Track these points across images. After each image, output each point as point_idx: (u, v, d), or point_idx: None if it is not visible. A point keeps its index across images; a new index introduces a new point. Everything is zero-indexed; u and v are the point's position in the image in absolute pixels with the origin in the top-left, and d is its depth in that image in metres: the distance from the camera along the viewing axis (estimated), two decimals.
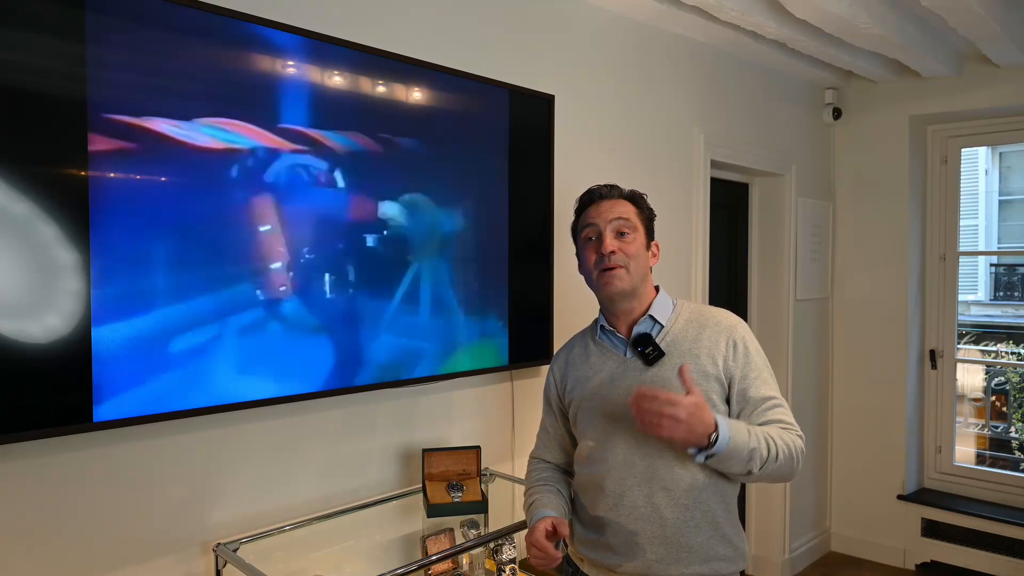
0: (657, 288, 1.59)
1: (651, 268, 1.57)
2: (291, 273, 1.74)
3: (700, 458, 1.33)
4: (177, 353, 1.56)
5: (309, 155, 1.76)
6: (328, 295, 1.81)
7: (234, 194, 1.64)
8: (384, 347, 1.94)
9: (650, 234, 1.57)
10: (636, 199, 1.57)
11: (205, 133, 1.59)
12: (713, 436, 1.30)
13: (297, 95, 1.75)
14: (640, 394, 1.31)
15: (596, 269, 1.51)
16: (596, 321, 1.62)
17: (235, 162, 1.64)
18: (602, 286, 1.51)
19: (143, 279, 1.51)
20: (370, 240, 1.90)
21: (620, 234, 1.50)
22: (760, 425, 1.44)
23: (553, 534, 1.44)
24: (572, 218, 1.61)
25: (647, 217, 1.57)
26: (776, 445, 1.38)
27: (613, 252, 1.48)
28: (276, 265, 1.72)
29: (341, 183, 1.82)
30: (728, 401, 1.48)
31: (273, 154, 1.70)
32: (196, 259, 1.58)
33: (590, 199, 1.57)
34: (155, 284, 1.52)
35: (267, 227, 1.70)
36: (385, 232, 1.93)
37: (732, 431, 1.32)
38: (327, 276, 1.81)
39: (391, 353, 1.95)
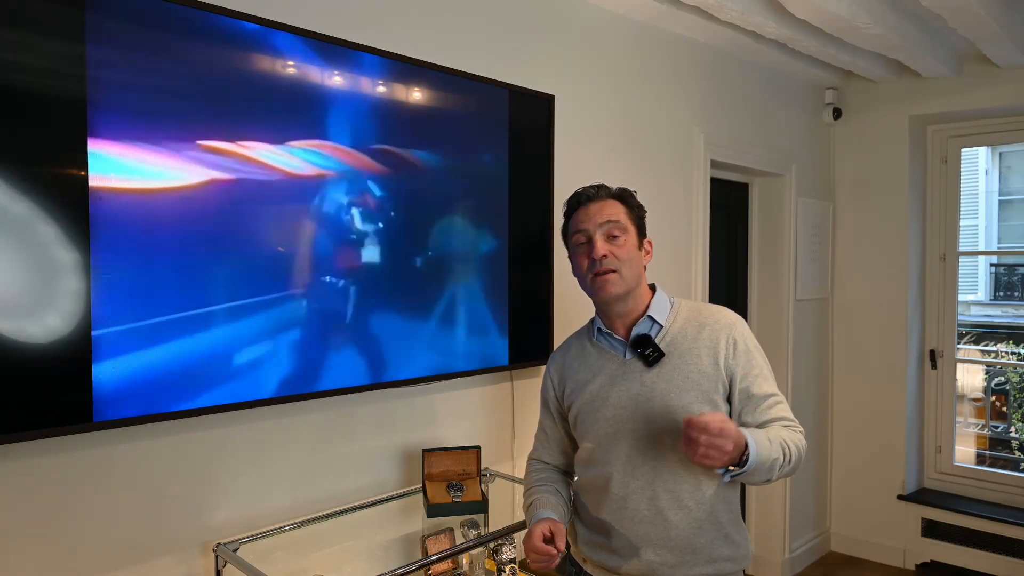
0: (653, 287, 1.58)
1: (645, 266, 1.55)
2: (301, 275, 1.75)
3: (727, 477, 1.34)
4: (235, 365, 1.58)
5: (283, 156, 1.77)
6: (346, 305, 1.82)
7: (238, 199, 1.64)
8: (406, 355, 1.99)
9: (642, 232, 1.54)
10: (625, 197, 1.53)
11: (209, 155, 1.59)
12: (745, 455, 1.30)
13: (296, 95, 1.75)
14: (691, 424, 1.27)
15: (589, 274, 1.49)
16: (592, 322, 1.60)
17: (240, 167, 1.64)
18: (596, 291, 1.49)
19: (144, 279, 1.51)
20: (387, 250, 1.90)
21: (611, 237, 1.48)
22: (764, 422, 1.45)
23: (551, 539, 1.44)
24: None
25: (637, 215, 1.53)
26: (790, 449, 1.39)
27: (605, 256, 1.46)
28: (268, 267, 1.72)
29: (348, 187, 1.83)
30: (729, 399, 1.48)
31: (279, 151, 1.70)
32: (208, 264, 1.59)
33: (578, 202, 1.53)
34: (160, 285, 1.52)
35: (265, 229, 1.71)
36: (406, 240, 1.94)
37: (758, 446, 1.32)
38: (331, 278, 1.82)
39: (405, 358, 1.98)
